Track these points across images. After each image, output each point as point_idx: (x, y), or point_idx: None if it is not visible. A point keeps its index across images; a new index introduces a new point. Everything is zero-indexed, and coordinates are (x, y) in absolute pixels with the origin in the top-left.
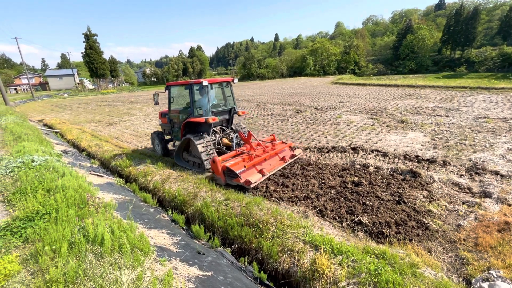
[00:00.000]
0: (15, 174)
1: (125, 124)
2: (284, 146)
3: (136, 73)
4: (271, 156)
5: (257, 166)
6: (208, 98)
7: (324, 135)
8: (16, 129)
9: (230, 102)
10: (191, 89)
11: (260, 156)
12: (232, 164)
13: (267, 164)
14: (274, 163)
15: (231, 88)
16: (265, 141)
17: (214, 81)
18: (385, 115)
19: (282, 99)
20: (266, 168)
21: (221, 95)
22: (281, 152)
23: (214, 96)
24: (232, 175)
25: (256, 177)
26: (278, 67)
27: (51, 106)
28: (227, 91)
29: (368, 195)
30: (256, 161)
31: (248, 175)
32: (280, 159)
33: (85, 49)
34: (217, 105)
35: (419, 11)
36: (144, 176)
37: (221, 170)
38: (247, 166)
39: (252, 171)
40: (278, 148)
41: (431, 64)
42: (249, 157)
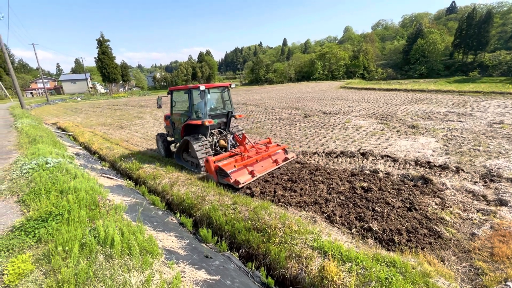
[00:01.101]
0: (30, 175)
1: (135, 128)
2: (277, 148)
3: (147, 78)
4: (263, 158)
5: (249, 167)
6: (205, 102)
7: (332, 140)
8: (31, 131)
9: (227, 106)
10: (190, 93)
11: (251, 157)
12: (224, 164)
13: (259, 165)
14: (267, 165)
15: (229, 92)
16: (260, 143)
17: (211, 86)
18: (395, 120)
19: (290, 104)
20: (257, 169)
21: (219, 99)
22: (274, 154)
23: (212, 100)
24: (223, 174)
25: (246, 177)
26: (286, 72)
27: (65, 110)
28: (225, 96)
29: (378, 201)
30: (247, 162)
31: (239, 175)
32: (272, 162)
33: (98, 54)
34: (215, 109)
35: (430, 15)
36: (153, 179)
37: (214, 169)
38: (237, 166)
39: (243, 171)
40: (270, 151)
41: (443, 69)
42: (241, 158)
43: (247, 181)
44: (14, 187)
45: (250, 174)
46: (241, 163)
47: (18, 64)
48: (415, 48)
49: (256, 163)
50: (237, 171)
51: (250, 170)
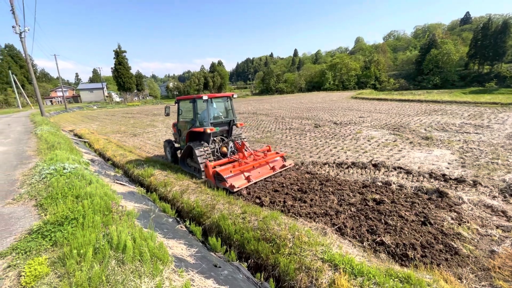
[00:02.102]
0: (48, 180)
1: (148, 136)
2: (275, 156)
3: (160, 87)
4: (261, 165)
5: (246, 173)
6: (208, 111)
7: (343, 151)
8: (50, 138)
9: (230, 114)
10: (195, 102)
11: (248, 164)
12: (221, 170)
13: (256, 172)
14: (264, 171)
15: (231, 102)
16: (259, 151)
17: (214, 96)
18: (408, 131)
19: (301, 114)
20: (254, 175)
21: (223, 108)
22: (272, 161)
23: (216, 109)
24: (220, 178)
25: (241, 182)
26: (296, 82)
27: (82, 117)
28: (228, 105)
29: (391, 214)
30: (243, 168)
31: (234, 180)
32: (270, 168)
33: (115, 64)
34: (218, 117)
35: (443, 26)
36: (164, 186)
37: (212, 174)
38: (233, 172)
39: (239, 177)
40: (268, 158)
41: (458, 79)
42: (239, 164)
43: (242, 186)
44: (32, 191)
45: (246, 179)
46: (237, 168)
47: (40, 73)
48: (428, 58)
49: (253, 169)
50: (233, 176)
51: (247, 175)
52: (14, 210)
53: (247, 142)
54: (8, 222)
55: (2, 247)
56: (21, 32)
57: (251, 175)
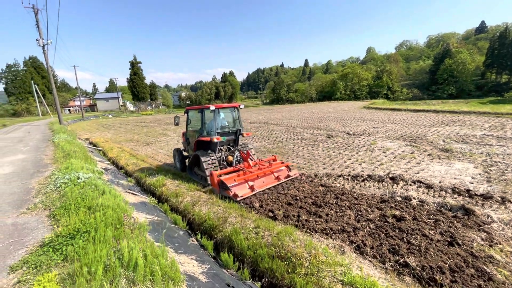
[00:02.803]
0: (62, 189)
1: (160, 145)
2: (280, 165)
3: (173, 96)
4: (266, 174)
5: (250, 182)
6: (215, 121)
7: (358, 162)
8: (66, 146)
9: (237, 124)
10: (203, 112)
11: (252, 173)
12: (226, 178)
13: (261, 181)
14: (268, 181)
15: (238, 112)
16: (264, 160)
17: (221, 106)
18: (425, 143)
19: (312, 123)
20: (258, 184)
21: (230, 118)
22: (277, 171)
23: (223, 119)
24: (225, 187)
25: (245, 191)
26: (307, 92)
27: (97, 126)
28: (235, 115)
29: (413, 233)
30: (248, 177)
31: (238, 189)
32: (274, 178)
33: (130, 75)
34: (225, 127)
35: (458, 35)
36: (176, 197)
37: (217, 182)
38: (237, 181)
39: (243, 186)
40: (273, 167)
41: (474, 89)
42: (243, 173)
43: (246, 195)
44: (47, 201)
45: (250, 188)
46: (241, 177)
47: (60, 83)
48: (442, 68)
49: (257, 178)
50: (237, 185)
51: (251, 185)
52: (28, 220)
53: (252, 151)
54: (21, 233)
55: (14, 260)
56: (44, 44)
57: (255, 184)
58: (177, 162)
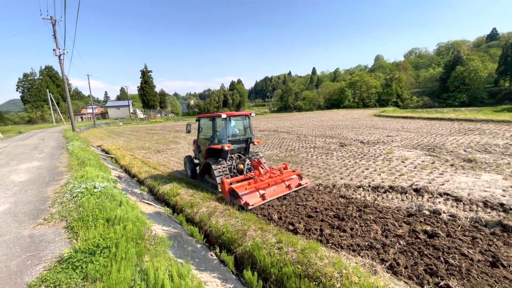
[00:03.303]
0: (79, 199)
1: (171, 152)
2: (291, 174)
3: (182, 104)
4: (276, 182)
5: (261, 191)
6: (226, 129)
7: (377, 172)
8: (81, 154)
9: (248, 132)
10: (214, 120)
11: (263, 181)
12: (237, 186)
13: (272, 190)
14: (279, 189)
15: (249, 120)
16: (275, 168)
17: (233, 114)
18: (445, 152)
19: (323, 132)
20: (269, 193)
21: (241, 126)
22: (288, 180)
23: (234, 127)
24: (236, 195)
25: (256, 200)
26: (315, 99)
27: (108, 133)
28: (245, 123)
29: (450, 251)
30: (259, 185)
31: (249, 198)
32: (286, 187)
33: (141, 83)
34: (236, 135)
35: (468, 42)
36: (191, 207)
37: (228, 190)
38: (248, 189)
39: (254, 194)
40: (284, 176)
41: (487, 97)
42: (254, 181)
43: (257, 204)
44: (63, 211)
45: (261, 197)
46: (252, 186)
47: (73, 92)
48: (454, 75)
49: (268, 186)
50: (248, 193)
51: (262, 193)
52: (45, 232)
53: (263, 159)
54: (38, 246)
55: (31, 276)
56: (60, 54)
57: (266, 193)
58: (188, 169)
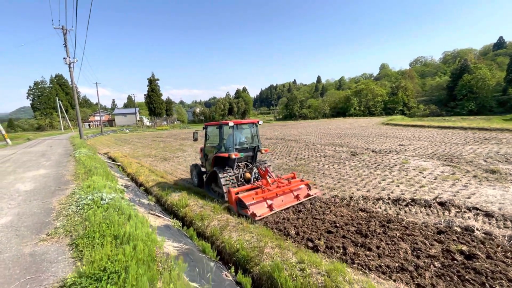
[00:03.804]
0: (85, 212)
1: (178, 160)
2: (300, 183)
3: (187, 112)
4: (284, 192)
5: (268, 201)
6: (234, 137)
7: (394, 183)
8: (88, 162)
9: (255, 141)
10: (221, 128)
11: (271, 191)
12: (243, 196)
13: (280, 200)
14: (287, 199)
15: (257, 128)
16: (283, 178)
17: (240, 122)
18: (464, 163)
19: (332, 140)
20: (277, 203)
21: (248, 134)
22: (297, 189)
23: (241, 135)
24: (242, 205)
25: (263, 210)
26: (320, 108)
27: (115, 140)
28: (253, 131)
29: (495, 276)
30: (266, 195)
31: (257, 208)
32: (294, 197)
33: (148, 91)
34: (243, 143)
35: (474, 51)
36: (201, 220)
37: (234, 200)
38: (256, 199)
39: (262, 204)
40: (292, 185)
41: (496, 105)
42: (262, 191)
43: (264, 215)
44: (68, 225)
45: (268, 207)
46: (259, 196)
47: (81, 99)
48: (461, 84)
49: (276, 196)
50: (256, 203)
51: (269, 203)
52: (47, 250)
53: (270, 168)
54: (40, 267)
55: None
56: (70, 62)
57: (273, 203)
58: (194, 178)
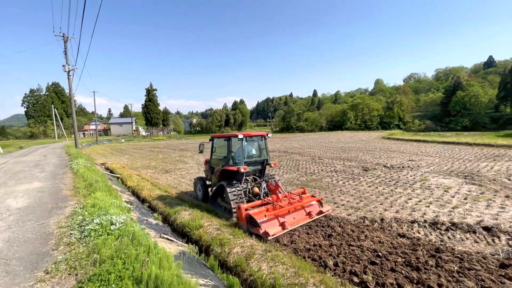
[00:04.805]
0: (92, 240)
1: (181, 173)
2: (311, 199)
3: (184, 123)
4: (296, 209)
5: (280, 219)
6: (242, 150)
7: (423, 203)
8: (87, 174)
9: (264, 154)
10: (229, 141)
11: (283, 208)
12: (254, 213)
13: (291, 217)
14: (299, 217)
15: (266, 141)
16: (293, 193)
17: (249, 134)
18: (486, 181)
19: (337, 154)
20: (289, 221)
21: (256, 147)
22: (308, 206)
23: (249, 148)
24: (254, 223)
25: (276, 229)
26: (317, 121)
27: (111, 150)
28: (261, 144)
29: None
30: (278, 212)
31: (269, 226)
32: (306, 214)
33: (145, 101)
34: (251, 156)
35: (466, 69)
36: (220, 246)
37: (244, 217)
38: (268, 216)
39: (273, 222)
40: (304, 202)
41: (489, 122)
42: (273, 207)
43: (277, 234)
44: (72, 259)
45: (280, 225)
46: (272, 213)
47: (77, 108)
48: (455, 100)
49: (288, 214)
50: (267, 221)
51: (281, 221)
52: None
53: (280, 182)
54: None
55: None
56: (69, 70)
57: (286, 221)
58: (198, 190)
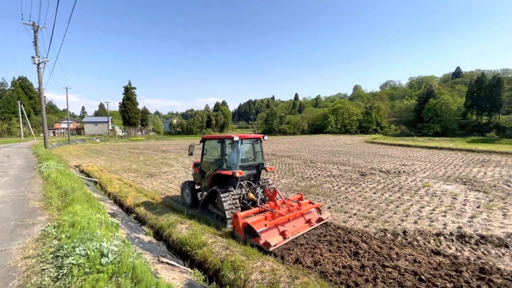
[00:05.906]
0: (74, 281)
1: (167, 177)
2: (310, 206)
3: (164, 123)
4: (296, 217)
5: (280, 227)
6: (238, 153)
7: (438, 213)
8: (60, 179)
9: (259, 157)
10: (223, 143)
11: (283, 216)
12: (253, 222)
13: (291, 225)
14: (299, 225)
15: (261, 144)
16: (291, 199)
17: (245, 137)
18: (488, 187)
19: (328, 157)
20: (289, 230)
21: (251, 150)
22: (307, 213)
23: (244, 151)
24: (252, 233)
25: (277, 239)
26: (299, 124)
27: (85, 151)
28: (257, 147)
29: None
30: (279, 221)
31: (269, 236)
32: (305, 222)
33: (123, 100)
34: (246, 160)
35: (436, 78)
36: (233, 271)
37: (242, 226)
38: (268, 225)
39: (273, 231)
40: (304, 209)
41: (458, 128)
42: (272, 215)
43: (279, 244)
44: None
45: (281, 235)
46: (272, 221)
47: (47, 105)
48: (427, 107)
49: (288, 222)
50: (266, 230)
51: (282, 230)
52: None
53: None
54: None
55: None
56: (39, 62)
57: (286, 230)
58: (186, 196)
